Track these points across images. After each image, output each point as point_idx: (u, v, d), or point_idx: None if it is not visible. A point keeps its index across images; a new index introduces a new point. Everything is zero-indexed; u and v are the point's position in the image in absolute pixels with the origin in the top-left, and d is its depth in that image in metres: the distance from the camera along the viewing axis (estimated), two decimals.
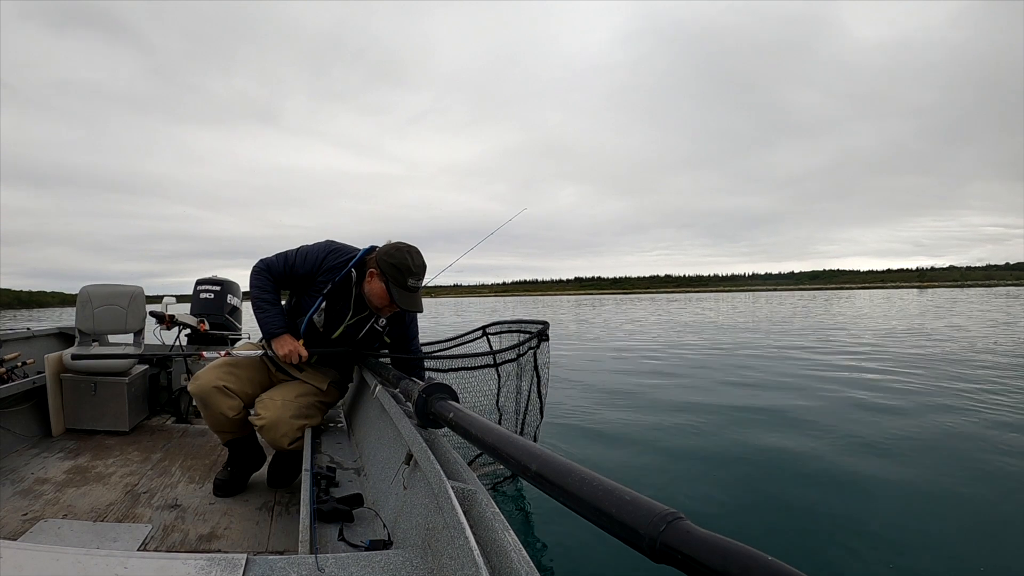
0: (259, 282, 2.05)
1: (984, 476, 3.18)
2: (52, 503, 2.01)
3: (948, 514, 2.74)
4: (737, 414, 4.81)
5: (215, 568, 0.80)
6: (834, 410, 4.86)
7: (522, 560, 0.77)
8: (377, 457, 1.70)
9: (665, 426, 4.48)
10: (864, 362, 7.75)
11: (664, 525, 0.55)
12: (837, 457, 3.55)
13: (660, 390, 6.07)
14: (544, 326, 2.65)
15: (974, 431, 4.07)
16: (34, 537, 1.72)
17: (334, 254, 2.06)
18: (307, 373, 2.16)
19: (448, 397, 1.39)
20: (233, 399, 2.00)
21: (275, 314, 2.05)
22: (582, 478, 0.69)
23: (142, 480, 2.27)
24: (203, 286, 3.89)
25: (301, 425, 1.98)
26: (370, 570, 0.89)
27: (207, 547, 1.71)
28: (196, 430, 3.05)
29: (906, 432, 4.07)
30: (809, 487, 3.08)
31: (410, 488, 1.24)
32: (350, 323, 2.10)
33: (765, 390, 5.91)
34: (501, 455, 0.92)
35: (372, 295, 2.02)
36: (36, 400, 2.85)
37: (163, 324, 3.50)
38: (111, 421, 2.92)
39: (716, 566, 0.49)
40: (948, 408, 4.80)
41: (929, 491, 3.00)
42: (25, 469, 2.35)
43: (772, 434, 4.13)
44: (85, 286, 3.36)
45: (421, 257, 1.98)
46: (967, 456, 3.52)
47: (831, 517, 2.71)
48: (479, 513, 0.94)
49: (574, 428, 4.47)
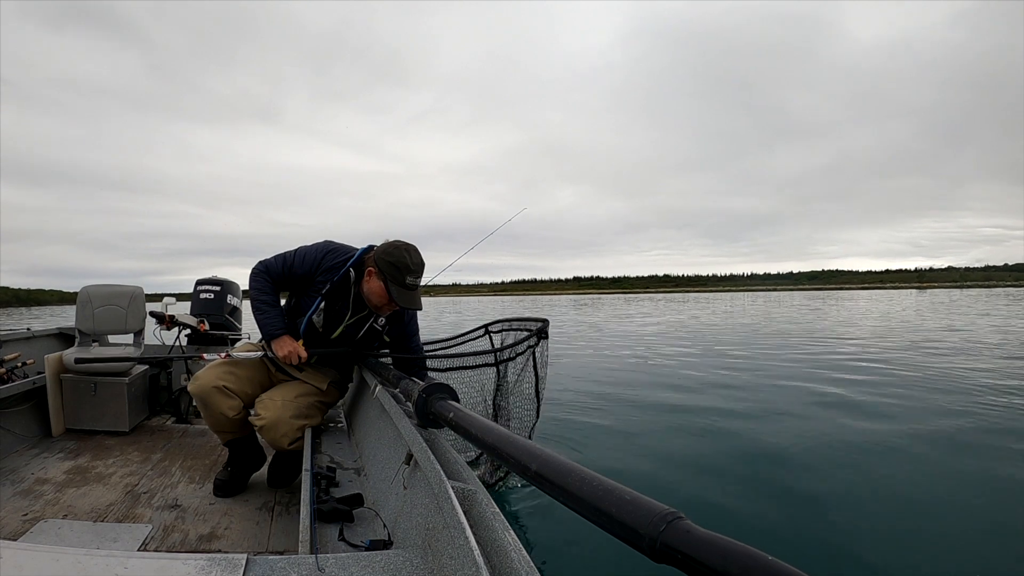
0: (258, 284, 2.06)
1: (984, 477, 3.18)
2: (52, 503, 2.01)
3: (948, 515, 2.73)
4: (738, 414, 4.81)
5: (215, 568, 0.80)
6: (836, 410, 4.86)
7: (522, 560, 0.77)
8: (377, 457, 1.70)
9: (665, 427, 4.48)
10: (865, 362, 7.75)
11: (664, 525, 0.55)
12: (838, 458, 3.55)
13: (660, 389, 6.07)
14: (544, 324, 2.65)
15: (976, 431, 4.06)
16: (34, 537, 1.72)
17: (332, 254, 2.06)
18: (307, 373, 2.16)
19: (448, 397, 1.39)
20: (233, 399, 2.00)
21: (274, 315, 2.05)
22: (582, 478, 0.69)
23: (142, 480, 2.27)
24: (203, 286, 3.89)
25: (301, 425, 1.98)
26: (370, 570, 0.89)
27: (207, 547, 1.71)
28: (196, 430, 3.05)
29: (906, 433, 4.07)
30: (810, 487, 3.08)
31: (410, 488, 1.24)
32: (349, 323, 2.11)
33: (766, 390, 5.91)
34: (501, 455, 0.92)
35: (371, 294, 2.02)
36: (36, 400, 2.85)
37: (163, 324, 3.50)
38: (111, 421, 2.92)
39: (716, 566, 0.49)
40: (950, 407, 4.80)
41: (930, 492, 3.00)
42: (25, 469, 2.35)
43: (772, 435, 4.13)
44: (85, 286, 3.36)
45: (419, 255, 1.98)
46: (968, 456, 3.52)
47: (831, 517, 2.71)
48: (479, 513, 0.94)
49: (580, 425, 4.47)
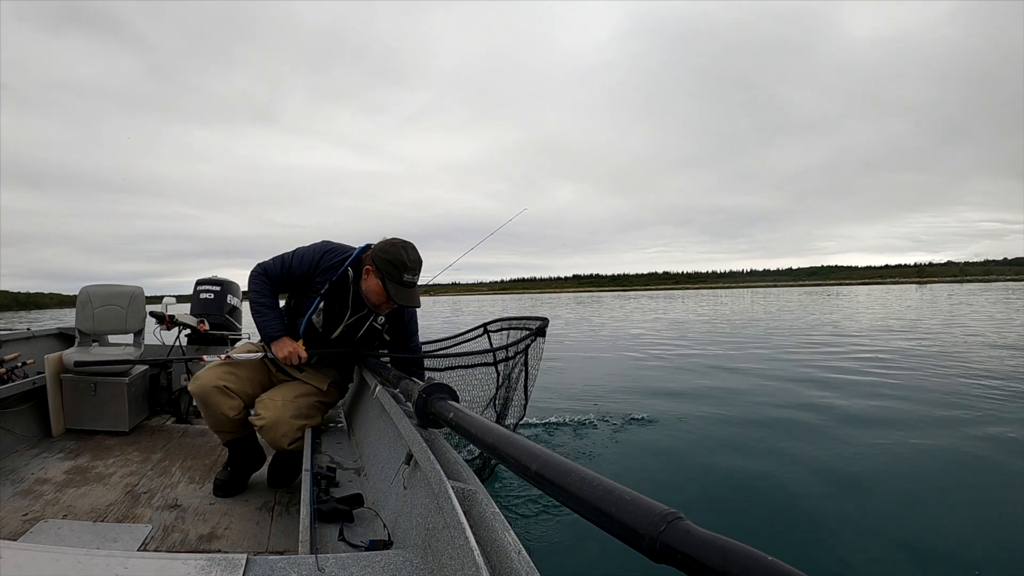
0: (256, 286, 2.06)
1: (986, 479, 3.17)
2: (52, 503, 2.01)
3: (949, 516, 2.73)
4: (738, 414, 4.81)
5: (215, 568, 0.80)
6: (837, 412, 4.85)
7: (522, 560, 0.77)
8: (377, 457, 1.70)
9: (665, 426, 4.48)
10: (865, 362, 7.74)
11: (664, 525, 0.55)
12: (838, 458, 3.55)
13: (661, 389, 6.07)
14: (544, 322, 2.64)
15: (978, 433, 4.06)
16: (34, 537, 1.72)
17: (330, 254, 2.06)
18: (307, 373, 2.16)
19: (448, 397, 1.39)
20: (234, 399, 2.00)
21: (273, 317, 2.05)
22: (582, 478, 0.69)
23: (142, 480, 2.27)
24: (203, 286, 3.89)
25: (301, 425, 1.98)
26: (370, 570, 0.89)
27: (207, 547, 1.71)
28: (196, 430, 3.05)
29: (907, 434, 4.07)
30: (810, 488, 3.07)
31: (410, 488, 1.24)
32: (349, 322, 2.11)
33: (767, 390, 5.91)
34: (501, 455, 0.92)
35: (369, 292, 2.02)
36: (36, 400, 2.85)
37: (163, 324, 3.50)
38: (111, 421, 2.92)
39: (716, 566, 0.49)
40: (954, 409, 4.79)
41: (930, 493, 3.00)
42: (25, 469, 2.35)
43: (773, 435, 4.13)
44: (85, 286, 3.35)
45: (416, 252, 1.97)
46: (970, 458, 3.51)
47: (832, 517, 2.70)
48: (479, 513, 0.94)
49: (580, 425, 4.47)
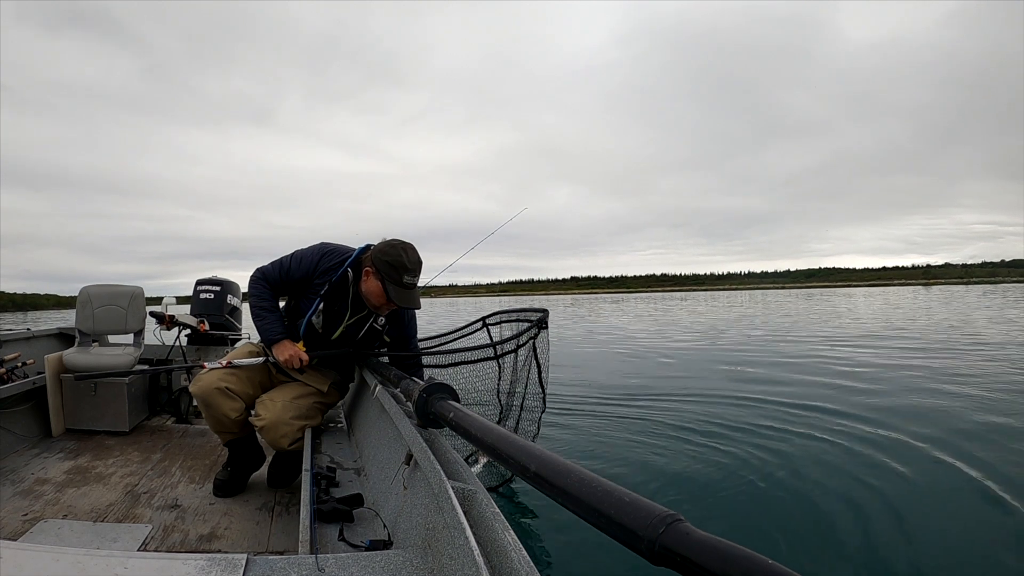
0: (256, 290, 2.07)
1: (987, 481, 3.17)
2: (52, 503, 2.01)
3: (949, 517, 2.73)
4: (738, 414, 4.80)
5: (215, 568, 0.80)
6: (839, 411, 4.85)
7: (522, 560, 0.77)
8: (377, 457, 1.69)
9: (667, 426, 4.47)
10: (866, 364, 7.74)
11: (663, 527, 0.55)
12: (838, 460, 3.54)
13: (660, 389, 6.07)
14: (544, 314, 2.62)
15: (981, 432, 4.05)
16: (34, 537, 1.72)
17: (329, 256, 2.06)
18: (308, 374, 2.16)
19: (448, 397, 1.39)
20: (235, 400, 2.00)
21: (273, 320, 2.06)
22: (581, 479, 0.69)
23: (142, 480, 2.27)
24: (203, 286, 3.89)
25: (301, 426, 1.98)
26: (370, 570, 0.89)
27: (207, 547, 1.71)
28: (196, 430, 3.05)
29: (908, 433, 4.06)
30: (812, 491, 3.06)
31: (410, 488, 1.24)
32: (349, 323, 2.11)
33: (767, 392, 5.90)
34: (500, 455, 0.92)
35: (369, 294, 2.02)
36: (36, 400, 2.85)
37: (163, 324, 3.50)
38: (111, 421, 2.92)
39: (715, 569, 0.49)
40: (959, 408, 4.78)
41: (931, 493, 2.99)
42: (25, 469, 2.35)
43: (774, 436, 4.12)
44: (85, 286, 3.35)
45: (416, 253, 1.97)
46: (972, 459, 3.50)
47: (832, 519, 2.70)
48: (479, 513, 0.94)
49: (580, 425, 4.47)
